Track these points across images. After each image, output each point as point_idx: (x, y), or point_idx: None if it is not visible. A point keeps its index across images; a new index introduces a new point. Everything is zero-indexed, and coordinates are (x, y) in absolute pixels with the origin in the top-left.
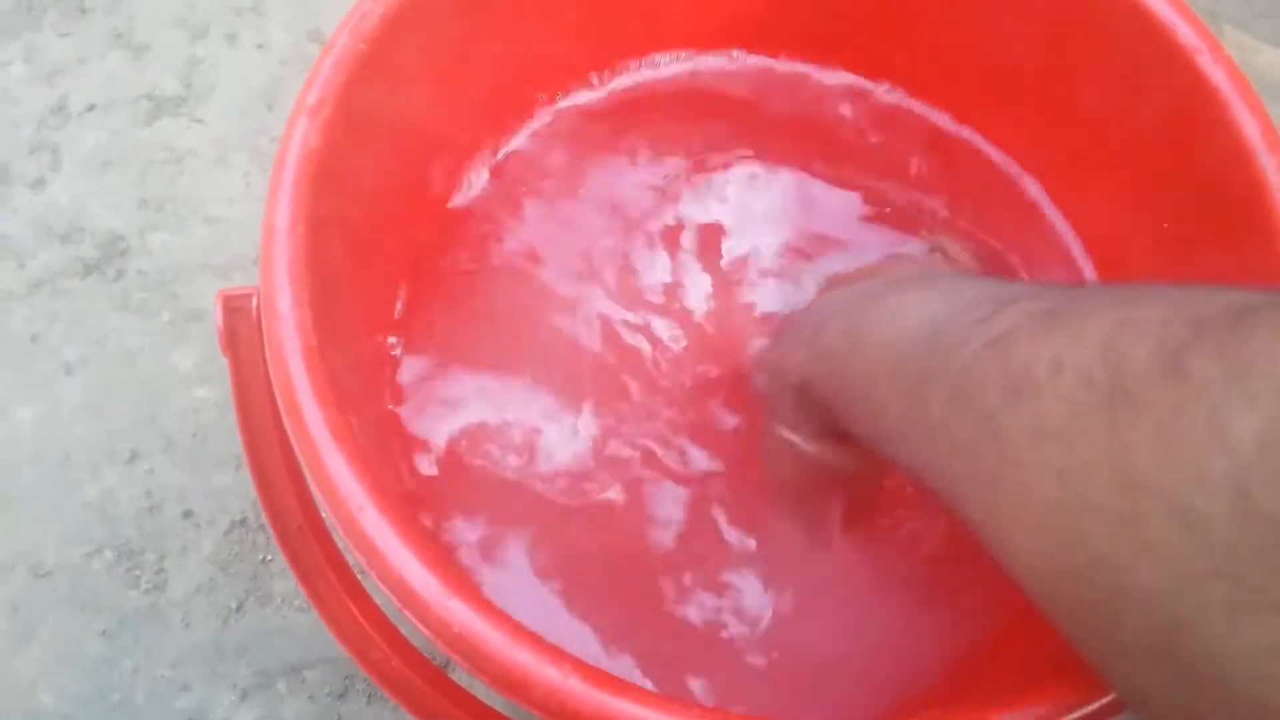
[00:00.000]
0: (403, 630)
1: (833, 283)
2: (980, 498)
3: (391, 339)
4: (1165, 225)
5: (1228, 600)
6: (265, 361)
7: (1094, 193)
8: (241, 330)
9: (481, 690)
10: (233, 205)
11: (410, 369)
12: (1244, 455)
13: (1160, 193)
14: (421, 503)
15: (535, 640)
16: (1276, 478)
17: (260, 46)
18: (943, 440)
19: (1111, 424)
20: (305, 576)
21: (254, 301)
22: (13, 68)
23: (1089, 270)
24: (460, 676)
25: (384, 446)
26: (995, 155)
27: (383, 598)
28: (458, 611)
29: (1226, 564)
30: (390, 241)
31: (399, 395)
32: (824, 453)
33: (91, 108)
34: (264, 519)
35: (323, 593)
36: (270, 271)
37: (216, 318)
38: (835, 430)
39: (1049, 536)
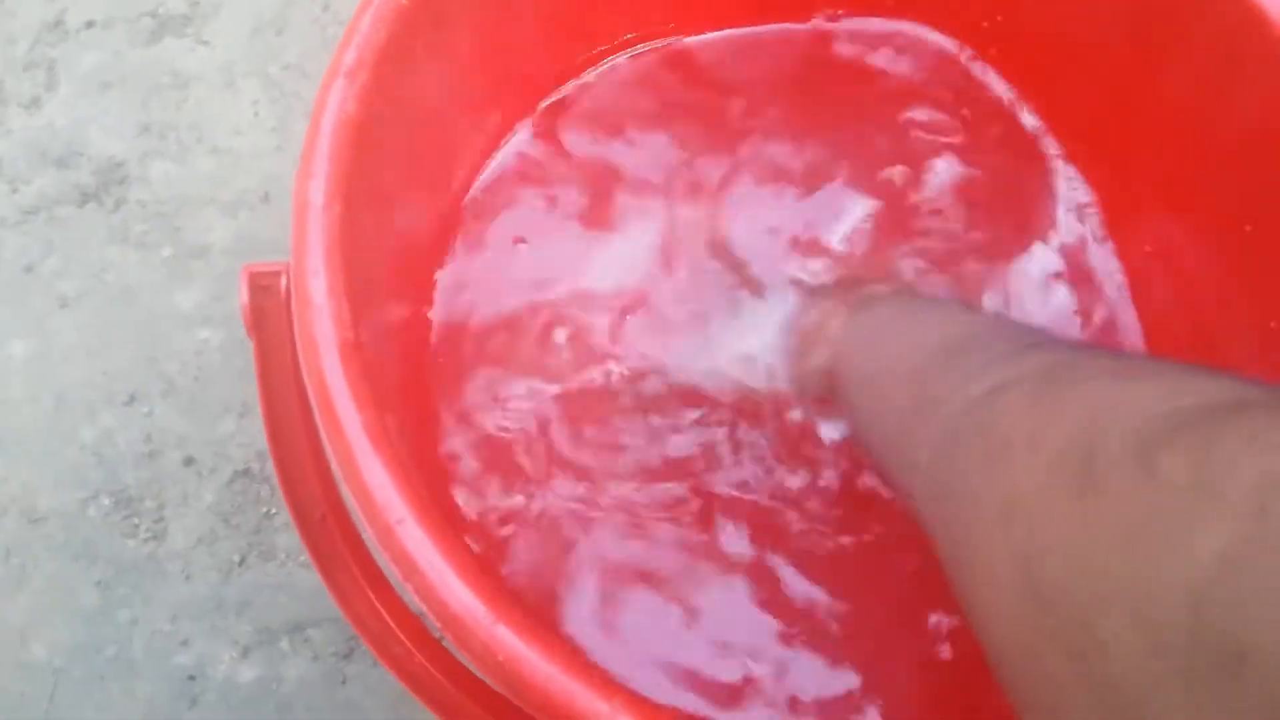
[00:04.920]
0: (427, 625)
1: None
2: (952, 553)
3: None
4: (1248, 229)
5: (1184, 704)
6: (293, 343)
7: (1166, 191)
8: (269, 310)
9: None
10: (240, 136)
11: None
12: (1204, 569)
13: (1246, 198)
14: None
15: (586, 671)
16: (1232, 596)
17: None
18: (928, 482)
19: (1080, 509)
20: (327, 569)
21: (283, 280)
22: None
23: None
24: None
25: (419, 433)
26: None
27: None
28: (504, 639)
29: (1183, 668)
30: (424, 209)
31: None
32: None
33: (91, 24)
34: (269, 470)
35: (344, 585)
36: (303, 254)
37: (241, 295)
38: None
39: (1009, 614)
